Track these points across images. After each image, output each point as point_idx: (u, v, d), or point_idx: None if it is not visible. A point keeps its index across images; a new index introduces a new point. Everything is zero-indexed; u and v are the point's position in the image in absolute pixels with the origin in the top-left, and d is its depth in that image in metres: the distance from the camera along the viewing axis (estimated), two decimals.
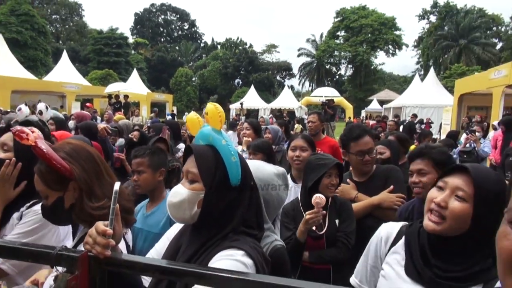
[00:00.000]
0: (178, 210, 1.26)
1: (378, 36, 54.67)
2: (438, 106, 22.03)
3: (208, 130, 1.33)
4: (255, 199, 1.34)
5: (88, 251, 1.04)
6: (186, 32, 75.35)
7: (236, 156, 1.28)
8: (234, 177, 1.26)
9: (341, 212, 2.40)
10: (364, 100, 48.32)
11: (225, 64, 60.43)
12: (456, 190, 1.26)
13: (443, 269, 1.25)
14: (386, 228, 1.52)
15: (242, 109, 26.39)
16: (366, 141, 2.57)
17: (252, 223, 1.29)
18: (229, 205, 1.27)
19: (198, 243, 1.25)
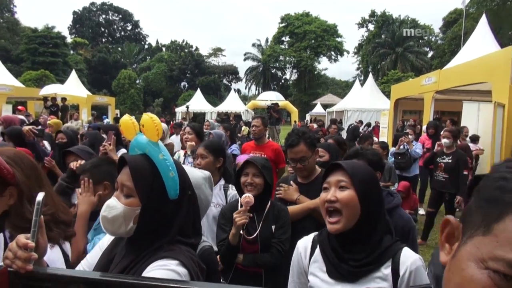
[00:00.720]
0: (113, 225, 1.21)
1: (321, 42, 56.63)
2: (377, 110, 23.20)
3: (145, 140, 1.27)
4: (192, 207, 1.32)
5: (8, 266, 0.98)
6: (129, 33, 73.00)
7: (174, 171, 1.24)
8: (172, 191, 1.23)
9: (278, 218, 2.43)
10: (308, 104, 49.69)
11: (171, 67, 59.39)
12: (337, 183, 1.45)
13: (356, 259, 1.40)
14: (302, 243, 1.62)
15: (188, 112, 26.03)
16: (298, 150, 2.61)
17: (188, 231, 1.28)
18: (166, 218, 1.24)
19: (132, 255, 1.22)
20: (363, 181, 1.44)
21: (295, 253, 1.62)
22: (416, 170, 7.15)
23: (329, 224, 1.43)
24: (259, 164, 2.45)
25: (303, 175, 2.68)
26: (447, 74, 11.62)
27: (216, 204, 2.86)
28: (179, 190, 1.25)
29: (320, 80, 61.07)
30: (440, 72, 12.25)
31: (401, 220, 2.20)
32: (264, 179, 2.42)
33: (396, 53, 50.69)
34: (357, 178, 1.43)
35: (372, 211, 1.43)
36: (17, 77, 27.83)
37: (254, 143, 4.88)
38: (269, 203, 2.48)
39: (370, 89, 26.33)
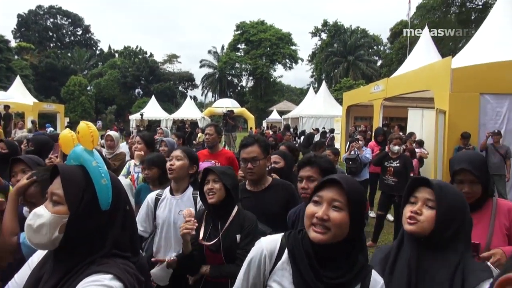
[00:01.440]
0: (37, 234, 1.14)
1: (276, 50, 57.59)
2: (330, 117, 23.89)
3: (79, 150, 1.24)
4: (129, 222, 1.27)
5: None
6: (79, 38, 70.36)
7: (107, 178, 1.21)
8: (104, 201, 1.19)
9: (244, 227, 2.38)
10: (265, 110, 50.20)
11: (124, 73, 57.87)
12: (332, 201, 1.35)
13: (331, 277, 1.33)
14: (268, 243, 1.48)
15: (143, 120, 25.42)
16: (250, 150, 2.64)
17: (125, 246, 1.23)
18: (98, 230, 1.19)
19: (62, 271, 1.15)
20: (358, 204, 1.37)
21: (257, 252, 1.47)
22: (366, 175, 7.41)
23: (313, 232, 1.35)
24: (217, 171, 2.43)
25: (253, 178, 2.66)
26: (394, 82, 12.21)
27: None
28: (112, 201, 1.21)
29: (276, 87, 61.96)
30: (388, 80, 12.85)
31: None
32: (224, 185, 2.38)
33: (348, 61, 52.57)
34: (355, 201, 1.35)
35: (358, 233, 1.40)
36: None
37: (207, 151, 4.84)
38: (235, 211, 2.42)
39: (323, 96, 27.08)
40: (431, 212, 1.52)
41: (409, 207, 1.59)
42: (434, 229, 1.50)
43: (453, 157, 2.37)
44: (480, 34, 11.66)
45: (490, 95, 8.34)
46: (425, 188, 1.58)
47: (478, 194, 2.14)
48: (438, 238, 1.50)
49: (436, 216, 1.50)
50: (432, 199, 1.54)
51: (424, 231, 1.51)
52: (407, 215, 1.56)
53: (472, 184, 2.12)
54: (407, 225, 1.55)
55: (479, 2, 27.03)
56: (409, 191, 1.64)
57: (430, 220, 1.50)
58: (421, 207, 1.55)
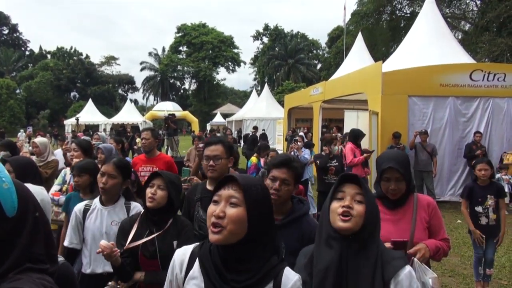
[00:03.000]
0: None
1: (218, 53, 57.60)
2: (273, 119, 24.35)
3: None
4: (42, 228, 1.20)
5: None
6: (6, 38, 65.23)
7: (9, 182, 1.12)
8: (8, 207, 1.10)
9: (181, 234, 2.35)
10: (209, 113, 49.97)
11: (58, 76, 54.72)
12: (229, 198, 1.35)
13: (239, 281, 1.33)
14: (179, 253, 1.51)
15: (79, 124, 24.21)
16: (214, 149, 2.64)
17: (40, 256, 1.15)
18: (4, 239, 1.10)
19: None
20: (256, 201, 1.36)
21: (171, 264, 1.50)
22: (306, 175, 7.63)
23: (211, 233, 1.35)
24: (166, 178, 2.39)
25: (213, 176, 2.61)
26: (331, 85, 12.71)
27: (118, 222, 2.65)
28: (19, 208, 1.13)
29: (219, 90, 61.93)
30: (326, 83, 13.36)
31: (309, 227, 2.17)
32: (168, 193, 2.35)
33: (288, 64, 53.89)
34: (251, 197, 1.35)
35: (260, 231, 1.37)
36: None
37: (144, 156, 4.72)
38: (172, 219, 2.38)
39: (266, 99, 27.55)
40: (361, 207, 1.55)
41: (338, 202, 1.59)
42: (364, 223, 1.54)
43: (380, 156, 2.48)
44: (407, 40, 12.51)
45: (417, 97, 8.97)
46: (351, 184, 1.63)
47: (403, 190, 2.26)
48: (365, 233, 1.55)
49: (365, 211, 1.55)
50: (360, 193, 1.59)
51: (357, 227, 1.54)
52: (339, 211, 1.56)
53: (398, 181, 2.23)
54: (341, 222, 1.54)
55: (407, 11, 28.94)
56: (335, 187, 1.67)
57: (361, 215, 1.54)
58: (351, 202, 1.57)
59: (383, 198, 2.32)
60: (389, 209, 2.31)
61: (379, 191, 2.33)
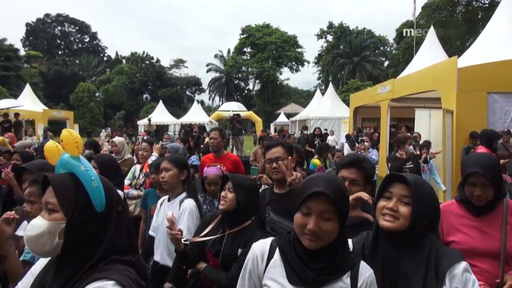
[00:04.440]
0: (37, 243, 1.18)
1: (281, 53, 57.66)
2: (338, 118, 23.83)
3: (66, 157, 1.28)
4: (125, 222, 1.30)
5: None
6: (87, 45, 71.15)
7: (97, 181, 1.24)
8: (97, 203, 1.22)
9: (247, 244, 2.30)
10: (272, 113, 50.24)
11: (132, 79, 58.35)
12: (322, 213, 1.40)
13: (321, 268, 1.41)
14: (258, 246, 1.58)
15: (151, 125, 25.62)
16: (275, 151, 2.69)
17: (123, 247, 1.25)
18: (95, 232, 1.22)
19: (63, 278, 1.17)
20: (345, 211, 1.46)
21: (250, 255, 1.57)
22: (374, 176, 7.37)
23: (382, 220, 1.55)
24: (234, 181, 2.45)
25: (278, 177, 2.64)
26: (400, 83, 12.16)
27: None
28: (106, 203, 1.24)
29: (283, 90, 61.99)
30: (394, 81, 12.80)
31: None
32: (235, 195, 2.38)
33: (354, 62, 52.43)
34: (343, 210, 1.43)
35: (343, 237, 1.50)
36: None
37: (213, 155, 4.87)
38: (246, 224, 2.42)
39: (331, 98, 27.02)
40: (407, 209, 1.54)
41: (384, 202, 1.61)
42: (409, 224, 1.53)
43: (466, 158, 2.32)
44: (486, 32, 11.57)
45: (497, 94, 8.27)
46: (400, 184, 1.60)
47: (489, 197, 2.11)
48: (413, 233, 1.55)
49: (412, 213, 1.53)
50: (407, 195, 1.56)
51: (402, 227, 1.54)
52: (383, 211, 1.58)
53: (484, 187, 2.08)
54: (383, 221, 1.57)
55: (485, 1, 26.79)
56: (383, 186, 1.66)
57: (406, 217, 1.53)
58: (396, 203, 1.56)
59: (467, 202, 2.18)
60: (474, 215, 2.17)
61: (463, 195, 2.19)
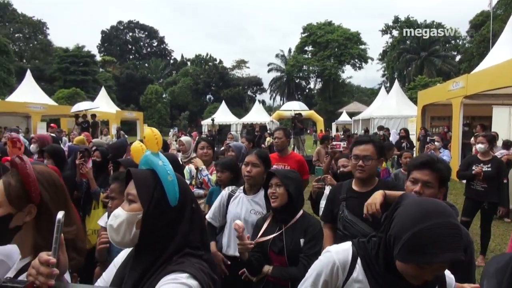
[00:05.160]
0: (118, 232, 1.26)
1: (344, 50, 56.38)
2: (404, 117, 22.78)
3: (147, 154, 1.37)
4: (197, 220, 1.35)
5: (32, 282, 1.03)
6: (155, 49, 75.05)
7: (173, 175, 1.30)
8: (172, 197, 1.28)
9: (307, 232, 2.38)
10: (334, 112, 49.33)
11: (196, 80, 60.47)
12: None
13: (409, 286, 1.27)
14: (339, 255, 1.45)
15: (214, 124, 26.37)
16: (365, 148, 2.55)
17: (196, 243, 1.30)
18: (169, 225, 1.28)
19: (140, 269, 1.24)
20: None
21: (327, 263, 1.45)
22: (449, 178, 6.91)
23: None
24: (280, 174, 2.45)
25: (362, 176, 2.55)
26: (476, 78, 11.29)
27: (256, 211, 2.88)
28: (180, 197, 1.30)
29: (345, 88, 60.66)
30: (468, 76, 11.92)
31: None
32: (286, 189, 2.40)
33: (421, 58, 49.77)
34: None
35: None
36: (51, 96, 29.07)
37: (277, 154, 4.88)
38: (299, 214, 2.44)
39: (396, 96, 25.88)
40: None
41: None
42: None
43: None
44: None
45: None
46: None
47: None
48: None
49: None
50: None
51: None
52: None
53: None
54: None
55: None
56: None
57: None
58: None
59: None
60: None
61: None
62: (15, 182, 1.36)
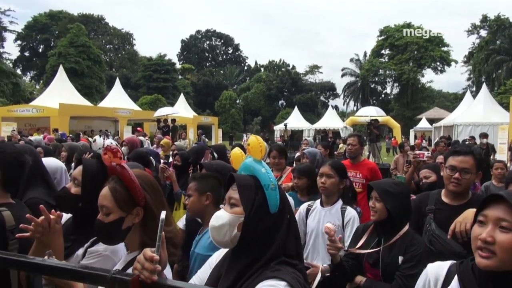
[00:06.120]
0: (219, 233, 1.34)
1: (424, 53, 53.29)
2: (493, 124, 20.93)
3: (249, 161, 1.43)
4: (293, 229, 1.38)
5: (137, 275, 1.12)
6: (230, 56, 77.50)
7: (275, 183, 1.36)
8: (272, 204, 1.33)
9: (408, 251, 2.24)
10: (412, 119, 46.90)
11: (269, 86, 61.23)
12: (498, 221, 1.19)
13: None
14: (433, 269, 1.43)
15: (286, 130, 26.46)
16: (463, 160, 2.33)
17: (292, 252, 1.33)
18: (267, 231, 1.32)
19: (236, 270, 1.30)
20: None
21: (422, 278, 1.44)
22: None
23: (478, 257, 1.22)
24: (380, 189, 2.33)
25: (457, 190, 2.34)
26: None
27: (333, 223, 2.85)
28: (279, 206, 1.34)
29: (424, 93, 57.23)
30: None
31: None
32: (384, 204, 2.27)
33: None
34: None
35: None
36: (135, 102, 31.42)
37: (349, 161, 4.73)
38: (403, 231, 2.29)
39: (484, 101, 23.83)
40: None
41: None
42: None
43: None
44: None
45: None
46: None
47: None
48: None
49: None
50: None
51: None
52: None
53: None
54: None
55: None
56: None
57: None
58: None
59: None
60: None
61: None
62: (120, 188, 1.51)
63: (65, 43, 40.79)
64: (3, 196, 1.87)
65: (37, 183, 2.32)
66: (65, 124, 18.70)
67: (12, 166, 1.87)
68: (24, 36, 54.35)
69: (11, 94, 32.58)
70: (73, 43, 40.84)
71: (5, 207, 1.80)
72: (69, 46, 40.40)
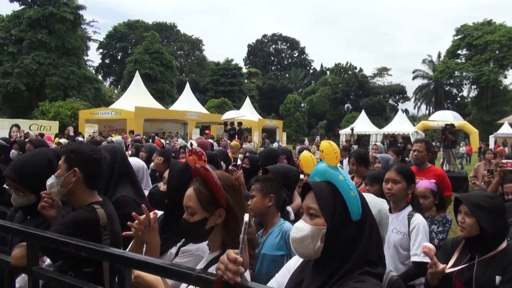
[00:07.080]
0: (301, 245, 1.32)
1: (507, 53, 48.90)
2: None
3: (323, 167, 1.37)
4: (375, 234, 1.34)
5: (221, 276, 1.16)
6: (295, 60, 77.43)
7: (355, 190, 1.31)
8: (354, 212, 1.29)
9: (508, 270, 2.04)
10: (492, 123, 43.27)
11: (334, 89, 60.21)
12: None
13: None
14: None
15: (353, 134, 25.81)
16: None
17: (374, 258, 1.29)
18: (350, 239, 1.29)
19: (321, 279, 1.28)
20: None
21: None
22: None
23: None
24: (470, 202, 2.14)
25: None
26: None
27: (398, 231, 2.75)
28: (361, 213, 1.30)
29: (507, 96, 52.53)
30: None
31: None
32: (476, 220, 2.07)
33: None
34: None
35: None
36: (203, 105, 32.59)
37: (415, 168, 4.50)
38: (501, 247, 2.11)
39: None
40: None
41: None
42: None
43: None
44: None
45: None
46: None
47: None
48: None
49: None
50: None
51: None
52: None
53: None
54: None
55: None
56: None
57: None
58: None
59: None
60: None
61: None
62: (204, 189, 1.58)
63: (141, 50, 43.51)
64: (91, 195, 2.02)
65: (125, 182, 2.50)
66: (139, 126, 19.94)
67: (89, 163, 1.99)
68: (105, 45, 59.02)
69: (93, 98, 35.43)
70: (148, 50, 43.43)
71: (99, 205, 1.95)
72: (144, 53, 43.03)
